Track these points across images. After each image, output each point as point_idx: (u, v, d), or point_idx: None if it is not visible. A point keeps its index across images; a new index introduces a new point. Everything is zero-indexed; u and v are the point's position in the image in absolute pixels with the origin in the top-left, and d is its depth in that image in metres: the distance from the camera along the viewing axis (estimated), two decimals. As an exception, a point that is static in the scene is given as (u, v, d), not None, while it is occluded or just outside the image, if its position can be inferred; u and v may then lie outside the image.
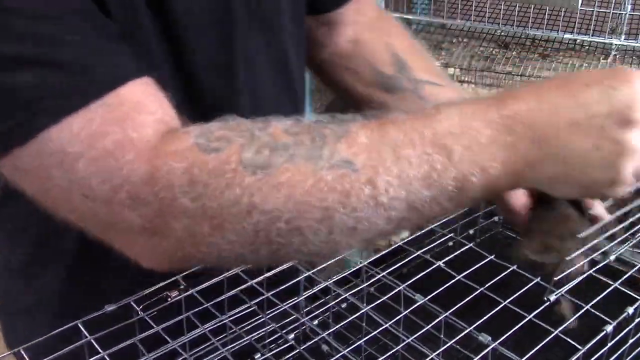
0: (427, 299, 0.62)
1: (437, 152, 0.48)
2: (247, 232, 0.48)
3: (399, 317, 0.61)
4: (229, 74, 0.66)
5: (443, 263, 0.70)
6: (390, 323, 0.61)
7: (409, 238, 0.80)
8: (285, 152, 0.47)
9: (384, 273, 0.71)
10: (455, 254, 0.74)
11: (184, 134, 0.49)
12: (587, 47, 1.86)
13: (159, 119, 0.50)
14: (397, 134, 0.48)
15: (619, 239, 0.67)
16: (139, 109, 0.50)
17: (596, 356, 0.59)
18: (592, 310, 0.62)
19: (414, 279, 0.69)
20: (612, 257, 0.68)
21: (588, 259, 0.61)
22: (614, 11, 1.67)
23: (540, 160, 0.49)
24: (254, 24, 0.67)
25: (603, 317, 0.60)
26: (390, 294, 0.65)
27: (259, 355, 0.67)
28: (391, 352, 0.62)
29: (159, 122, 0.50)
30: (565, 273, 0.58)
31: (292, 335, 0.70)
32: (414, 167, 0.48)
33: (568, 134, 0.48)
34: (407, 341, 0.60)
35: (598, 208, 0.63)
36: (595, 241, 0.59)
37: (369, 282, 0.73)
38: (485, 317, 0.60)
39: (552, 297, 0.62)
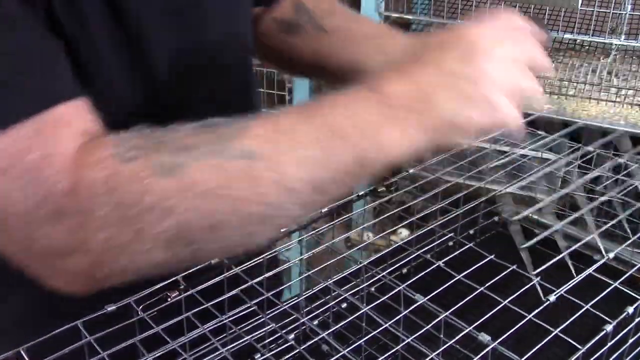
0: (427, 298, 0.62)
1: (331, 135, 0.51)
2: (167, 236, 0.49)
3: (398, 317, 0.61)
4: (191, 65, 0.67)
5: (443, 263, 0.70)
6: (390, 323, 0.61)
7: (409, 238, 0.80)
8: (191, 152, 0.49)
9: (384, 273, 0.71)
10: (455, 254, 0.74)
11: (102, 144, 0.50)
12: (587, 47, 1.85)
13: (81, 132, 0.51)
14: (292, 123, 0.52)
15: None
16: (65, 126, 0.50)
17: (596, 356, 0.59)
18: (592, 310, 0.62)
19: (414, 279, 0.69)
20: (611, 255, 0.69)
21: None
22: (614, 11, 1.67)
23: (424, 122, 0.54)
24: (217, 11, 0.68)
25: (603, 316, 0.60)
26: (390, 294, 0.65)
27: (259, 355, 0.67)
28: (391, 352, 0.62)
29: (81, 135, 0.51)
30: None
31: (292, 335, 0.70)
32: (311, 151, 0.51)
33: (436, 92, 0.54)
34: (407, 341, 0.60)
35: None
36: None
37: (369, 282, 0.73)
38: (485, 317, 0.60)
39: (552, 298, 0.62)
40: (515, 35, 0.59)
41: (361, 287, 0.71)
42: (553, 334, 0.59)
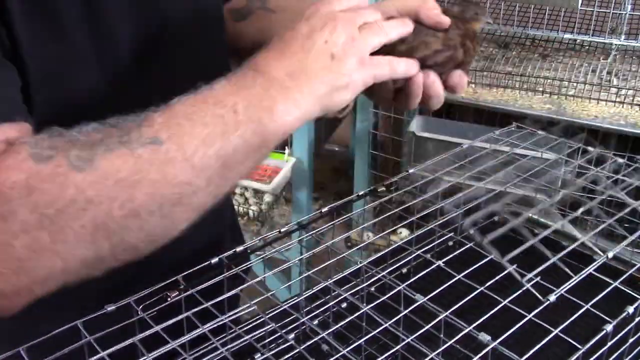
0: (426, 298, 0.62)
1: (227, 112, 0.55)
2: (87, 230, 0.50)
3: (398, 316, 0.61)
4: (153, 41, 0.69)
5: (443, 263, 0.70)
6: (390, 323, 0.61)
7: (409, 238, 0.80)
8: (101, 146, 0.51)
9: (384, 273, 0.71)
10: (455, 253, 0.74)
11: (19, 147, 0.51)
12: (587, 47, 1.86)
13: (1, 140, 0.52)
14: (188, 106, 0.55)
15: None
16: None
17: (596, 355, 0.59)
18: (592, 310, 0.62)
19: (414, 279, 0.69)
20: (610, 255, 0.68)
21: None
22: (614, 11, 1.68)
23: (309, 90, 0.59)
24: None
25: (603, 316, 0.60)
26: (390, 294, 0.65)
27: (259, 355, 0.67)
28: (391, 352, 0.62)
29: (2, 142, 0.52)
30: None
31: (292, 335, 0.70)
32: (212, 128, 0.54)
33: (309, 62, 0.59)
34: (407, 341, 0.60)
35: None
36: None
37: (369, 282, 0.73)
38: (485, 317, 0.60)
39: (552, 298, 0.62)
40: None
41: (361, 287, 0.71)
42: (553, 334, 0.59)
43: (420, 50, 0.65)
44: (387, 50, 0.64)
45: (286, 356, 0.67)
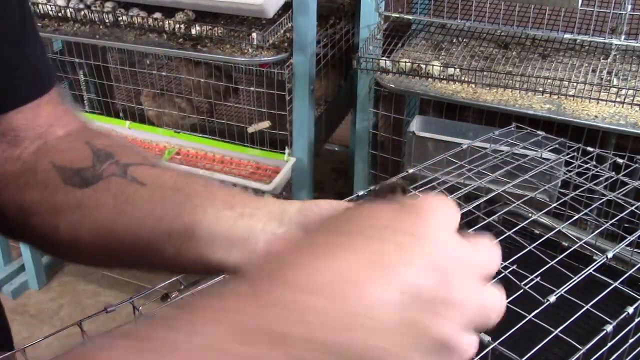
0: (427, 298, 0.62)
1: None
2: None
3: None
4: None
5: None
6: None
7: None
8: None
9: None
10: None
11: None
12: (587, 47, 1.86)
13: None
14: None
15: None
16: None
17: (596, 356, 0.59)
18: (592, 310, 0.62)
19: (413, 279, 0.68)
20: (610, 255, 0.69)
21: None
22: (614, 11, 1.67)
23: None
24: None
25: (603, 316, 0.60)
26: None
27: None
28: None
29: None
30: None
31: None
32: None
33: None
34: (407, 341, 0.60)
35: None
36: None
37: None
38: (485, 317, 0.60)
39: (552, 298, 0.62)
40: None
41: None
42: (553, 334, 0.59)
43: None
44: None
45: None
